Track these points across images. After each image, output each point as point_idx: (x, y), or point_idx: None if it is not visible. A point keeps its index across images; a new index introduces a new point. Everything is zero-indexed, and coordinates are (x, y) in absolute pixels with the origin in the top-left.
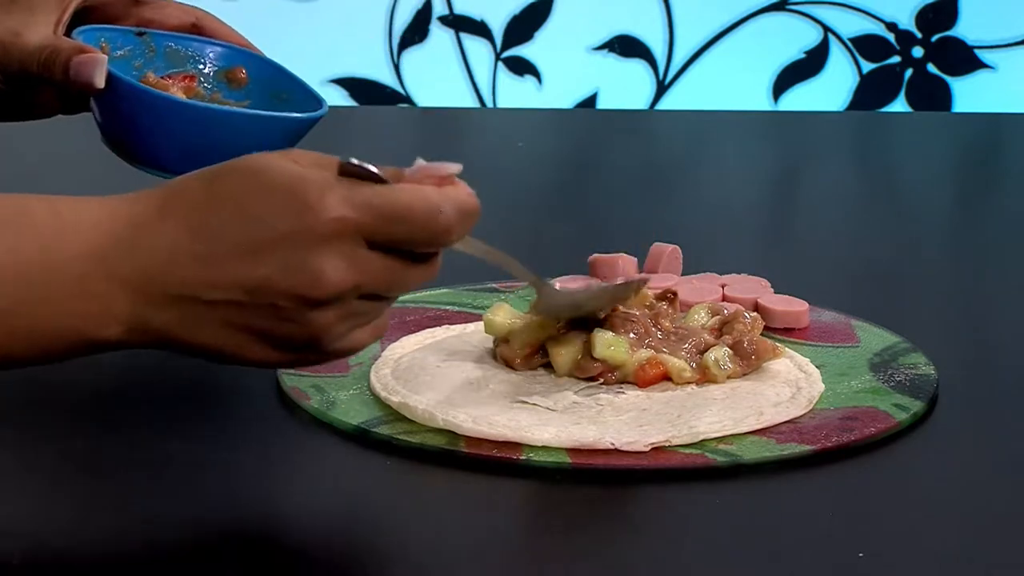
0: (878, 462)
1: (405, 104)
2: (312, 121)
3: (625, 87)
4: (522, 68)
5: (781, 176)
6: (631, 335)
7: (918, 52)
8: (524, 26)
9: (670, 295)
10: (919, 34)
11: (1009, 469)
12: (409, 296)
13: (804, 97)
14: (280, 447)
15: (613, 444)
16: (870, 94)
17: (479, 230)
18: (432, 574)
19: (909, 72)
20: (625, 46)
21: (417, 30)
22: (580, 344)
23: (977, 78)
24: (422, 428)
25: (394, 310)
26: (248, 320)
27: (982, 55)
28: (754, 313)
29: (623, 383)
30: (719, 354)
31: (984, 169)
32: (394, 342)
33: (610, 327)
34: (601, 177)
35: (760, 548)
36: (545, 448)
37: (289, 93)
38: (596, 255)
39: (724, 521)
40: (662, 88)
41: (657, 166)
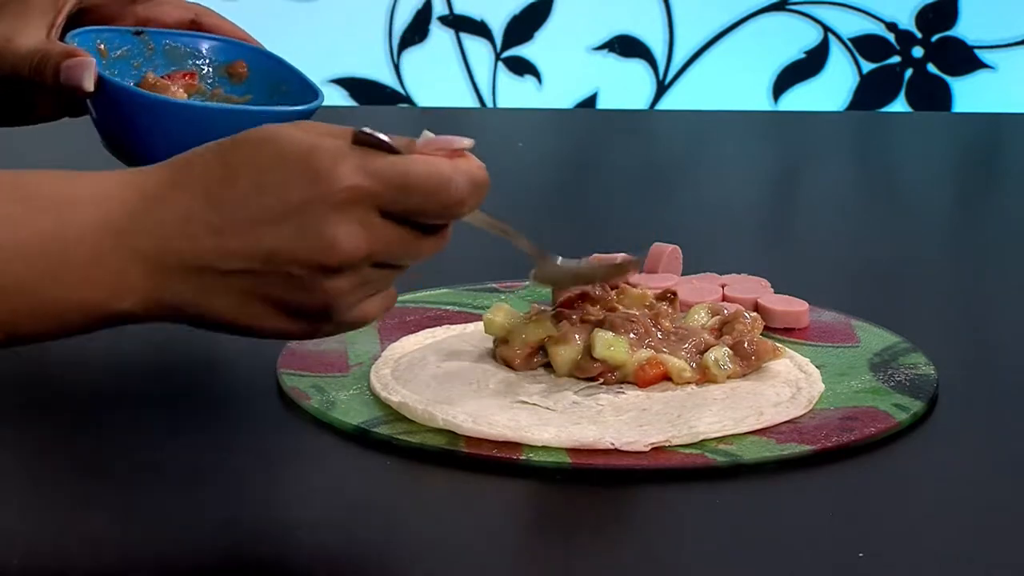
0: (878, 462)
1: (405, 104)
2: (305, 114)
3: (625, 87)
4: (522, 68)
5: (781, 176)
6: (631, 335)
7: (918, 52)
8: (524, 26)
9: (670, 295)
10: (919, 34)
11: (1009, 469)
12: (409, 296)
13: (804, 97)
14: (280, 447)
15: (613, 444)
16: (870, 94)
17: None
18: (432, 574)
19: (909, 72)
20: (625, 46)
21: (417, 30)
22: (580, 344)
23: (977, 78)
24: (422, 428)
25: (394, 310)
26: (263, 289)
27: (982, 55)
28: (754, 313)
29: (623, 383)
30: (719, 354)
31: (984, 169)
32: (394, 342)
33: (610, 327)
34: (601, 177)
35: (760, 548)
36: (545, 448)
37: (288, 85)
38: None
39: (724, 521)
40: (662, 88)
41: (657, 166)
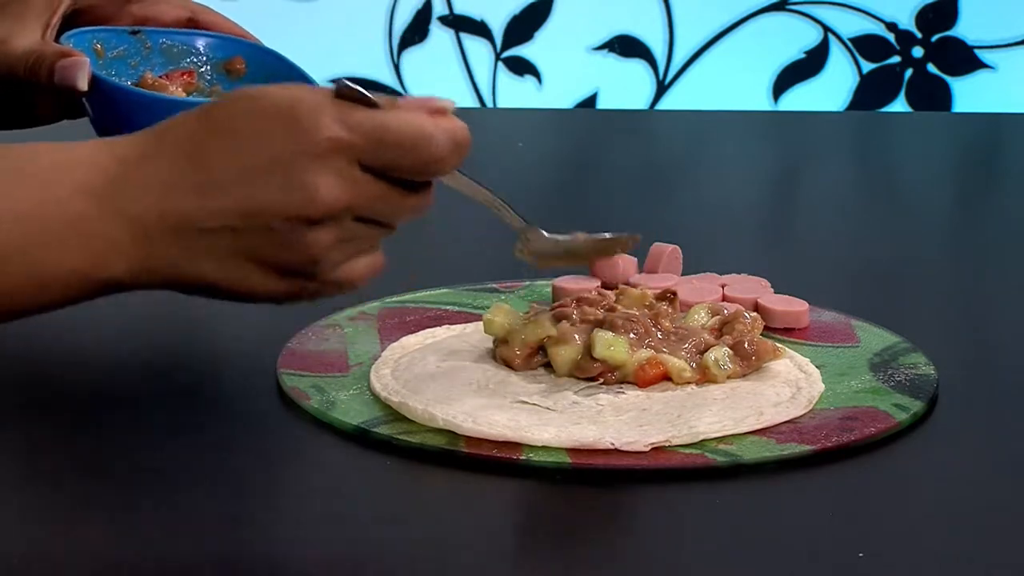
0: (878, 462)
1: None
2: None
3: (625, 87)
4: (522, 68)
5: (781, 176)
6: (631, 335)
7: (918, 52)
8: (524, 26)
9: (670, 295)
10: (919, 34)
11: (1009, 469)
12: (409, 296)
13: (804, 97)
14: (280, 447)
15: (613, 444)
16: (870, 94)
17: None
18: (432, 574)
19: (909, 72)
20: (625, 46)
21: (417, 30)
22: (580, 344)
23: (977, 78)
24: (422, 428)
25: (394, 310)
26: (246, 246)
27: (982, 55)
28: (754, 313)
29: (623, 383)
30: (719, 354)
31: (984, 169)
32: (394, 342)
33: (610, 327)
34: (601, 177)
35: (760, 548)
36: (545, 448)
37: (286, 80)
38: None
39: (724, 521)
40: (662, 88)
41: (657, 166)
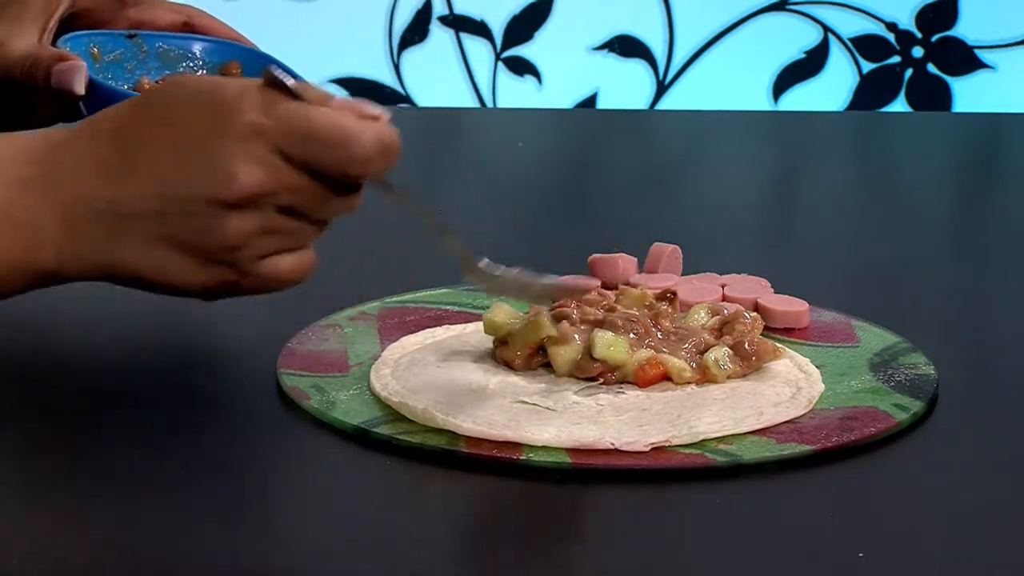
0: (878, 462)
1: (405, 104)
2: None
3: (625, 87)
4: (522, 68)
5: (781, 176)
6: (631, 335)
7: (918, 52)
8: (524, 26)
9: (670, 295)
10: (919, 34)
11: (1009, 469)
12: (409, 296)
13: (804, 97)
14: (280, 447)
15: (613, 444)
16: (870, 94)
17: (481, 222)
18: (432, 574)
19: (909, 72)
20: (625, 46)
21: (417, 30)
22: (580, 344)
23: (977, 78)
24: (422, 428)
25: (394, 310)
26: (167, 231)
27: (982, 55)
28: (754, 313)
29: (623, 383)
30: (719, 354)
31: (984, 169)
32: (394, 342)
33: (610, 327)
34: (601, 177)
35: (760, 548)
36: (545, 448)
37: None
38: (596, 255)
39: (724, 521)
40: (662, 88)
41: (657, 166)
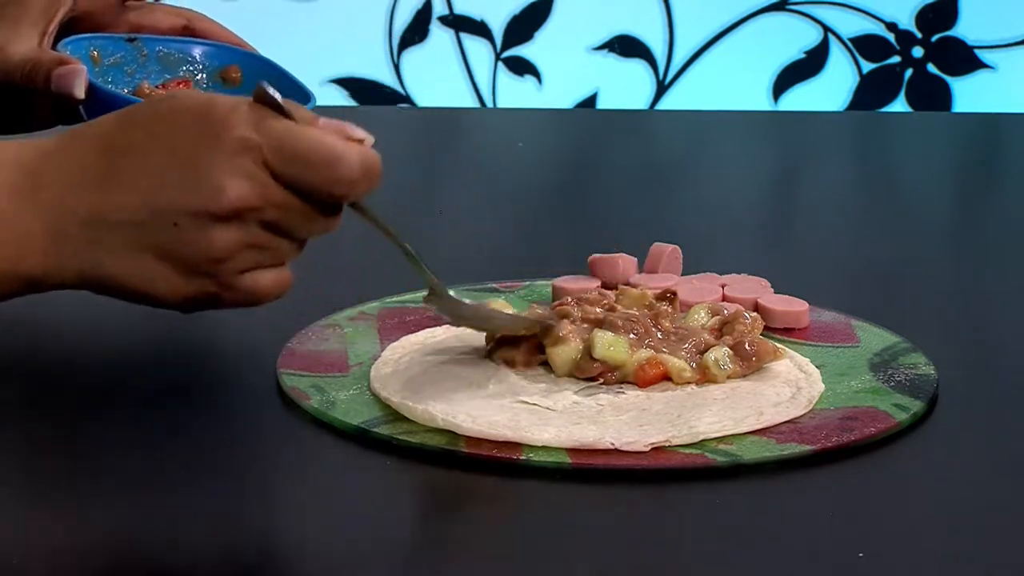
0: (878, 462)
1: (405, 104)
2: None
3: (625, 87)
4: (522, 68)
5: (781, 176)
6: (631, 335)
7: (918, 52)
8: (524, 26)
9: (670, 295)
10: (919, 34)
11: (1009, 469)
12: (409, 296)
13: (804, 97)
14: (280, 447)
15: (613, 444)
16: (870, 94)
17: (481, 222)
18: (432, 574)
19: (909, 72)
20: (625, 46)
21: (417, 30)
22: (580, 344)
23: (977, 78)
24: (422, 428)
25: (394, 310)
26: (151, 241)
27: (982, 55)
28: (754, 313)
29: (623, 383)
30: (719, 354)
31: (984, 169)
32: (394, 342)
33: (610, 327)
34: (601, 177)
35: (760, 548)
36: (545, 448)
37: (280, 88)
38: (596, 255)
39: (724, 521)
40: (662, 88)
41: (657, 166)
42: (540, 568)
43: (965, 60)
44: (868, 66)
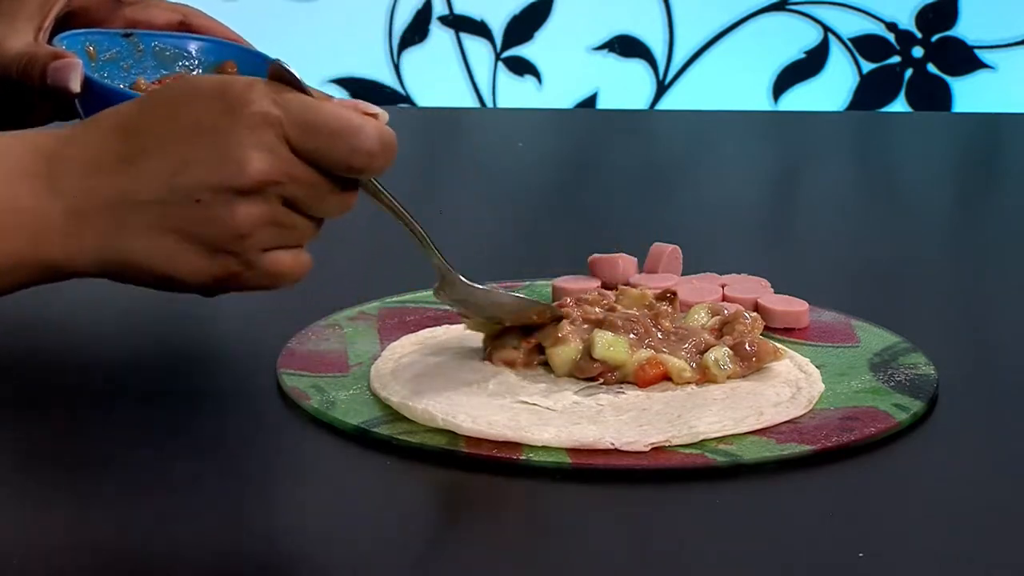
0: (878, 462)
1: (405, 104)
2: None
3: (625, 87)
4: (522, 68)
5: (781, 176)
6: (631, 335)
7: (918, 52)
8: (524, 26)
9: (670, 295)
10: (919, 34)
11: (1009, 469)
12: (409, 296)
13: (804, 97)
14: (280, 447)
15: (613, 444)
16: (870, 94)
17: (481, 222)
18: (432, 574)
19: (909, 72)
20: (625, 46)
21: (417, 30)
22: (579, 344)
23: (977, 78)
24: (422, 428)
25: (394, 310)
26: (174, 220)
27: (982, 55)
28: (754, 313)
29: (623, 383)
30: (719, 354)
31: (984, 169)
32: (394, 342)
33: (610, 327)
34: (601, 177)
35: (760, 548)
36: (545, 448)
37: None
38: (596, 255)
39: (724, 521)
40: (662, 88)
41: (657, 166)
42: (540, 568)
43: (965, 60)
44: (868, 66)
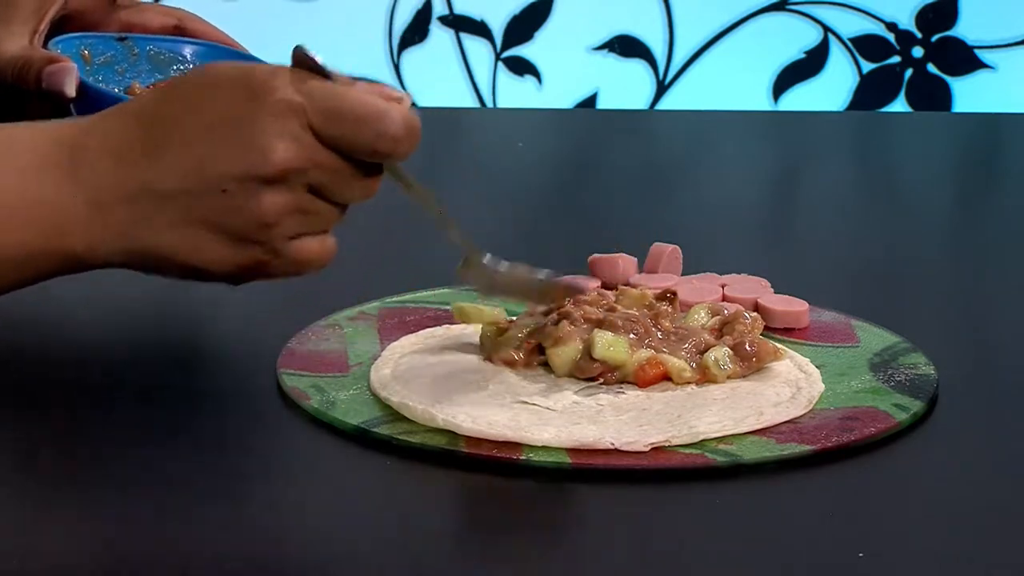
0: (878, 462)
1: None
2: None
3: (625, 87)
4: (522, 68)
5: (781, 176)
6: (631, 335)
7: (918, 52)
8: (524, 26)
9: (670, 295)
10: (919, 34)
11: (1009, 469)
12: (409, 296)
13: (804, 97)
14: (280, 447)
15: (613, 444)
16: (870, 94)
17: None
18: (432, 574)
19: (909, 72)
20: (625, 46)
21: (417, 30)
22: (579, 344)
23: (977, 78)
24: (422, 428)
25: (394, 310)
26: (199, 210)
27: (982, 55)
28: (754, 313)
29: (623, 383)
30: (719, 354)
31: (984, 169)
32: (394, 342)
33: (610, 327)
34: (601, 177)
35: (760, 548)
36: (545, 448)
37: None
38: (596, 255)
39: (724, 521)
40: (662, 88)
41: (657, 166)
42: (541, 568)
43: (965, 60)
44: (868, 66)
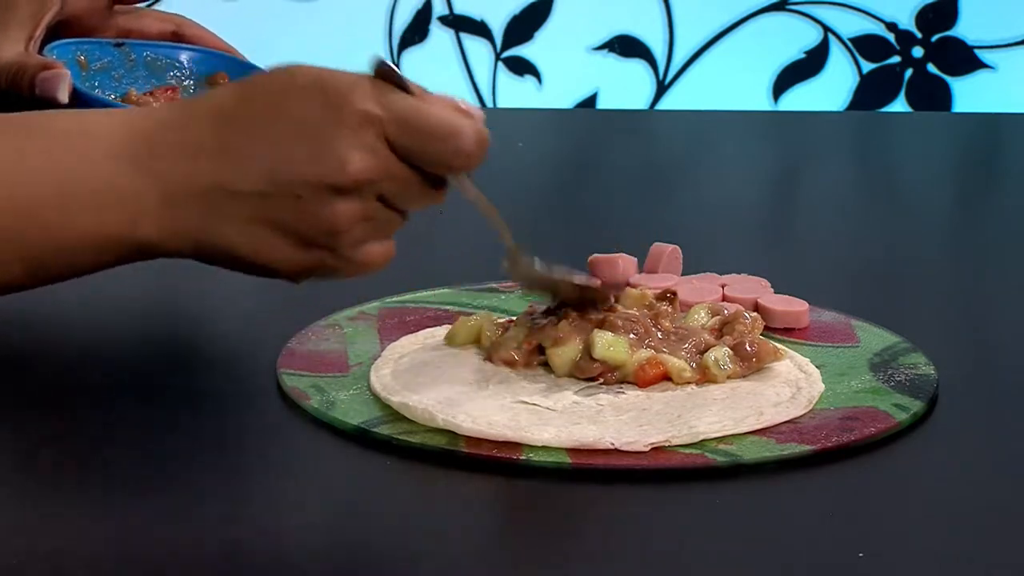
0: (878, 462)
1: None
2: None
3: (625, 87)
4: (522, 68)
5: (781, 176)
6: (631, 335)
7: (918, 52)
8: (524, 26)
9: (670, 295)
10: (919, 34)
11: (1009, 469)
12: (409, 296)
13: (804, 97)
14: (280, 447)
15: (613, 444)
16: (870, 94)
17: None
18: (432, 574)
19: (909, 72)
20: (625, 46)
21: (417, 30)
22: (579, 344)
23: (977, 78)
24: (422, 428)
25: (394, 310)
26: (271, 213)
27: (982, 55)
28: (754, 313)
29: (623, 383)
30: (719, 354)
31: (984, 169)
32: (394, 342)
33: (610, 327)
34: (601, 177)
35: (760, 548)
36: (545, 448)
37: None
38: (596, 255)
39: (724, 521)
40: (662, 88)
41: (657, 166)
42: (540, 568)
43: (965, 60)
44: (868, 66)
